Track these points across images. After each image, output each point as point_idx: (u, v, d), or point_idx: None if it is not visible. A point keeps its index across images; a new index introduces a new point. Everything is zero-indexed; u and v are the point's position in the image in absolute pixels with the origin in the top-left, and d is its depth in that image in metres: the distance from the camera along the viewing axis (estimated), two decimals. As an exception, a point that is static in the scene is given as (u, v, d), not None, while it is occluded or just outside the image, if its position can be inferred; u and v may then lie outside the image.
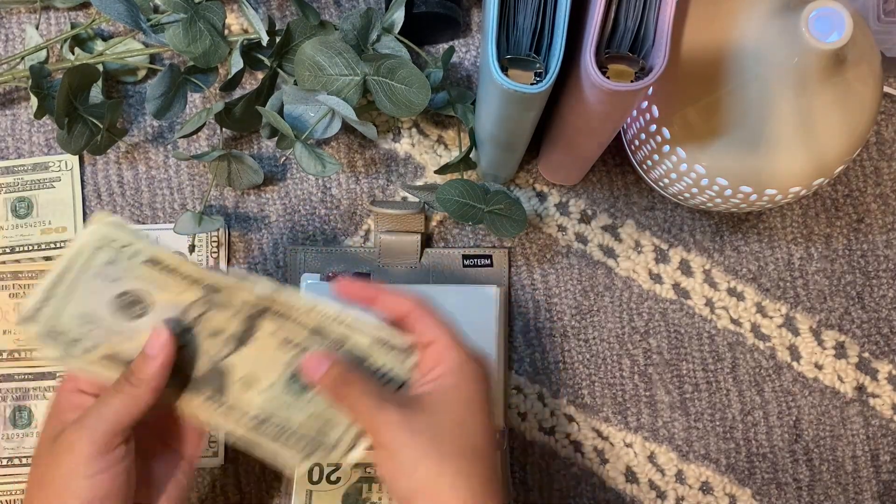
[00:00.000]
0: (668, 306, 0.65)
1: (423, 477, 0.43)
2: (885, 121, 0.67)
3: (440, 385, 0.45)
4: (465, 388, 0.45)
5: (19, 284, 0.64)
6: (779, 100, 0.48)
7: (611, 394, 0.64)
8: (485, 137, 0.55)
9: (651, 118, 0.53)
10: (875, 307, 0.65)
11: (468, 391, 0.45)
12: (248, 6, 0.60)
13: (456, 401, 0.45)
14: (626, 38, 0.43)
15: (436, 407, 0.44)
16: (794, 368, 0.65)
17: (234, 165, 0.62)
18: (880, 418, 0.64)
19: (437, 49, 0.66)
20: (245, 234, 0.65)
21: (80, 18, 0.66)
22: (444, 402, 0.45)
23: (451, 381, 0.45)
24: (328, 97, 0.56)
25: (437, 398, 0.45)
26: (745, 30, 0.48)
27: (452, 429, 0.44)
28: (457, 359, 0.46)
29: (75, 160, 0.65)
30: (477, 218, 0.58)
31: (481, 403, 0.45)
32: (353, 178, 0.66)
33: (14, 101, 0.66)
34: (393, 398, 0.45)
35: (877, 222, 0.66)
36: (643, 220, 0.66)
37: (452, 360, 0.46)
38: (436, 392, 0.45)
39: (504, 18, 0.44)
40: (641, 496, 0.64)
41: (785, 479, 0.64)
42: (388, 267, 0.64)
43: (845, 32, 0.43)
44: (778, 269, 0.66)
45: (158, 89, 0.59)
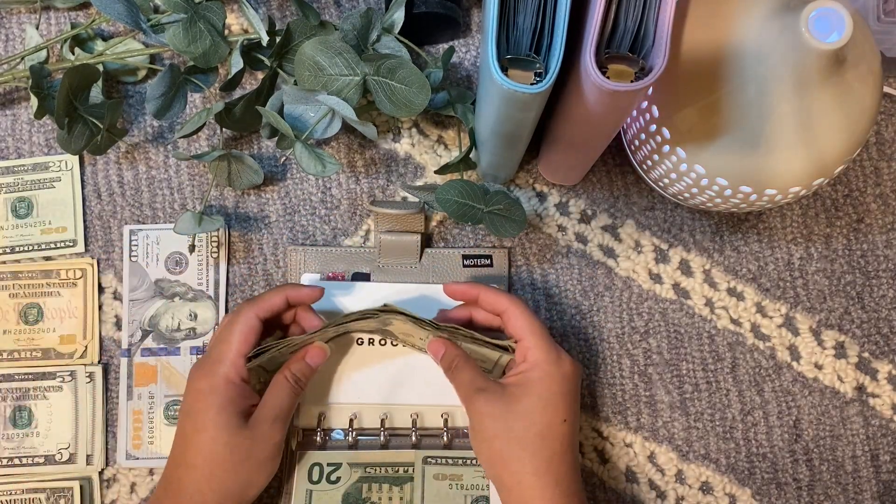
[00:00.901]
0: (668, 306, 0.65)
1: (497, 449, 0.54)
2: (885, 121, 0.67)
3: (522, 379, 0.55)
4: (540, 386, 0.54)
5: (19, 284, 0.64)
6: (779, 100, 0.48)
7: (611, 394, 0.64)
8: (485, 137, 0.55)
9: (651, 118, 0.53)
10: (875, 307, 0.65)
11: (542, 388, 0.54)
12: (248, 6, 0.60)
13: (530, 394, 0.54)
14: (626, 38, 0.43)
15: (515, 398, 0.54)
16: (794, 368, 0.65)
17: (234, 165, 0.62)
18: (880, 418, 0.64)
19: (437, 49, 0.66)
20: (245, 234, 0.65)
21: (80, 18, 0.66)
22: (520, 394, 0.54)
23: (533, 377, 0.55)
24: (328, 97, 0.56)
25: (518, 390, 0.54)
26: (745, 30, 0.48)
27: (523, 417, 0.54)
28: (538, 358, 0.55)
29: (75, 160, 0.65)
30: (477, 218, 0.58)
31: (552, 400, 0.54)
32: (353, 178, 0.66)
33: (14, 101, 0.66)
34: (485, 385, 0.55)
35: (877, 222, 0.66)
36: (643, 220, 0.66)
37: (535, 358, 0.55)
38: (519, 384, 0.55)
39: (504, 18, 0.44)
40: (641, 496, 0.64)
41: (785, 479, 0.64)
42: (388, 267, 0.64)
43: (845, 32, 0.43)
44: (778, 269, 0.66)
45: (158, 89, 0.59)
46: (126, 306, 0.64)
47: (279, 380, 0.56)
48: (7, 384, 0.63)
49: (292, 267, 0.64)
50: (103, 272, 0.65)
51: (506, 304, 0.57)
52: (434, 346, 0.58)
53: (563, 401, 0.55)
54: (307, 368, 0.57)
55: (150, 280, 0.64)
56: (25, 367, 0.63)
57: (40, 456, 0.62)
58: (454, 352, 0.57)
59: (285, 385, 0.56)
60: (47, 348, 0.64)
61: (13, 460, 0.62)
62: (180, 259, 0.64)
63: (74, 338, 0.64)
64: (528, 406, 0.54)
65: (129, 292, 0.64)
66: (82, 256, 0.65)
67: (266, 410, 0.55)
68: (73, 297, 0.64)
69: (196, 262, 0.64)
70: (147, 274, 0.64)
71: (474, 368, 0.56)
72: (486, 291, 0.58)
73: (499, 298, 0.57)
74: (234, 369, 0.54)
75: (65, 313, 0.64)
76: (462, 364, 0.56)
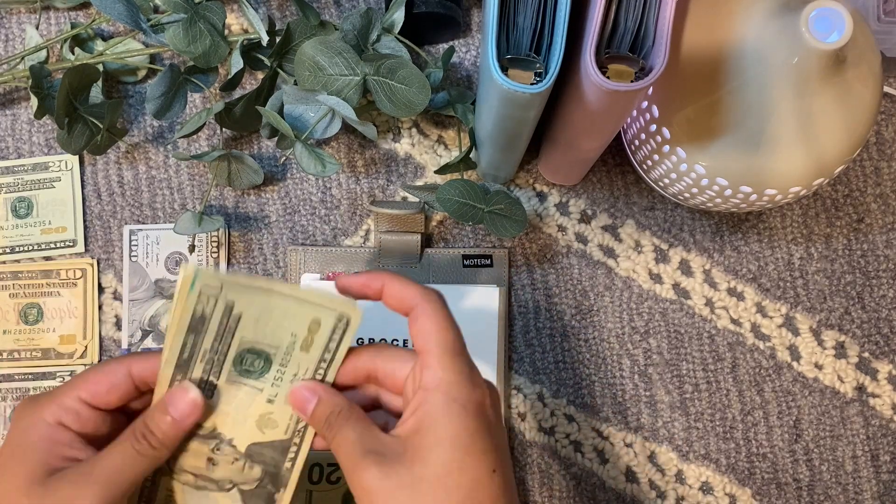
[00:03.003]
0: (668, 306, 0.65)
1: None
2: (885, 121, 0.67)
3: (424, 418, 0.38)
4: (448, 424, 0.37)
5: (19, 284, 0.64)
6: (779, 100, 0.48)
7: (611, 394, 0.64)
8: (485, 137, 0.55)
9: (651, 118, 0.53)
10: (875, 307, 0.65)
11: (453, 428, 0.37)
12: (248, 6, 0.60)
13: (441, 442, 0.37)
14: (626, 38, 0.43)
15: (419, 452, 0.37)
16: (794, 368, 0.65)
17: (234, 165, 0.62)
18: (880, 418, 0.64)
19: (437, 49, 0.66)
20: (245, 234, 0.65)
21: (80, 18, 0.66)
22: (427, 444, 0.37)
23: (435, 410, 0.38)
24: (328, 97, 0.56)
25: (421, 439, 0.37)
26: (745, 30, 0.48)
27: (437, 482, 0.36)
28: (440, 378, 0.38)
29: (75, 160, 0.65)
30: (477, 218, 0.58)
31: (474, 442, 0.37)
32: (353, 178, 0.66)
33: (14, 101, 0.66)
34: (377, 444, 0.38)
35: (877, 222, 0.66)
36: (643, 220, 0.66)
37: (435, 379, 0.38)
38: (420, 429, 0.38)
39: (504, 18, 0.44)
40: (641, 496, 0.64)
41: (785, 479, 0.64)
42: (388, 267, 0.64)
43: (845, 32, 0.43)
44: (778, 269, 0.66)
45: (158, 89, 0.59)
46: (126, 306, 0.64)
47: (126, 432, 0.41)
48: (7, 384, 0.63)
49: (292, 267, 0.64)
50: (103, 272, 0.65)
51: (416, 299, 0.41)
52: (298, 394, 0.40)
53: (488, 440, 0.38)
54: (167, 424, 0.40)
55: (150, 280, 0.64)
56: (25, 367, 0.63)
57: (40, 456, 0.62)
58: (332, 399, 0.40)
59: (126, 439, 0.40)
60: (47, 348, 0.64)
61: (13, 460, 0.62)
62: (180, 259, 0.64)
63: (74, 338, 0.64)
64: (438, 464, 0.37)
65: (129, 292, 0.64)
66: (82, 256, 0.65)
67: (82, 467, 0.39)
68: (73, 297, 0.64)
69: (196, 262, 0.64)
70: (147, 274, 0.64)
71: (361, 419, 0.40)
72: (393, 282, 0.41)
73: (407, 291, 0.41)
74: (57, 411, 0.40)
75: (65, 313, 0.64)
76: (345, 416, 0.40)
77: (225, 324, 0.40)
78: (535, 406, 0.64)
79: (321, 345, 0.41)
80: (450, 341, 0.39)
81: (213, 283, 0.39)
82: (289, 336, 0.40)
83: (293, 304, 0.40)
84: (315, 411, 0.40)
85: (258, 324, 0.40)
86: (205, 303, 0.39)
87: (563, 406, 0.64)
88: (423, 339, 0.40)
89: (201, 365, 0.41)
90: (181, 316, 0.40)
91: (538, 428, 0.64)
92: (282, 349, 0.41)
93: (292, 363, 0.41)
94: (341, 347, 0.41)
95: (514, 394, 0.64)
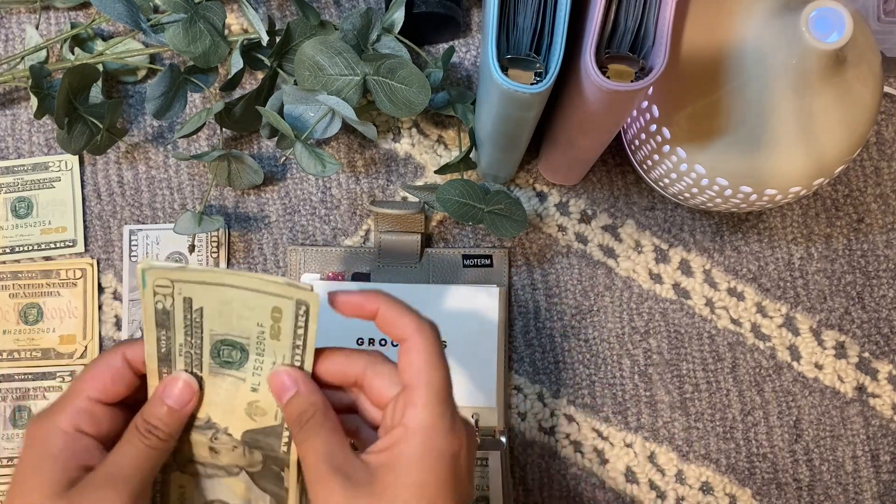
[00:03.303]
0: (668, 306, 0.65)
1: None
2: (885, 121, 0.67)
3: (399, 457, 0.37)
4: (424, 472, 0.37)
5: (19, 284, 0.64)
6: (779, 100, 0.48)
7: (611, 394, 0.64)
8: (485, 137, 0.55)
9: (651, 118, 0.52)
10: (875, 307, 0.65)
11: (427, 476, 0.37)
12: (248, 6, 0.60)
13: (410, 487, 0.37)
14: (626, 38, 0.43)
15: (387, 489, 0.37)
16: (795, 368, 0.65)
17: (234, 165, 0.62)
18: (880, 418, 0.64)
19: (437, 49, 0.66)
20: (245, 234, 0.65)
21: (80, 18, 0.66)
22: (396, 484, 0.37)
23: (410, 452, 0.37)
24: (328, 97, 0.56)
25: (393, 478, 0.37)
26: (745, 30, 0.48)
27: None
28: (423, 422, 0.38)
29: (75, 160, 0.65)
30: (477, 218, 0.58)
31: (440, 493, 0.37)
32: (353, 178, 0.66)
33: (14, 101, 0.66)
34: (346, 462, 0.38)
35: (877, 222, 0.66)
36: (643, 220, 0.66)
37: (418, 422, 0.38)
38: (393, 468, 0.37)
39: (504, 18, 0.44)
40: (641, 496, 0.64)
41: (785, 479, 0.64)
42: (388, 267, 0.64)
43: (845, 32, 0.43)
44: (778, 269, 0.66)
45: (158, 89, 0.59)
46: (126, 306, 0.64)
47: (129, 429, 0.40)
48: (7, 384, 0.63)
49: (292, 267, 0.64)
50: (103, 272, 0.65)
51: (409, 330, 0.40)
52: (278, 379, 0.40)
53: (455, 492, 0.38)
54: (166, 413, 0.40)
55: (150, 280, 0.64)
56: (25, 367, 0.63)
57: (40, 456, 0.62)
58: (310, 397, 0.39)
59: (132, 436, 0.40)
60: (47, 348, 0.64)
61: (13, 460, 0.62)
62: (180, 259, 0.64)
63: (74, 338, 0.64)
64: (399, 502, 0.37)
65: (129, 292, 0.64)
66: (82, 256, 0.65)
67: (99, 471, 0.39)
68: (73, 297, 0.64)
69: (196, 262, 0.64)
70: (147, 274, 0.64)
71: (335, 431, 0.39)
72: (388, 308, 0.40)
73: (401, 320, 0.40)
74: (71, 416, 0.40)
75: (65, 313, 0.64)
76: (319, 421, 0.39)
77: (189, 318, 0.40)
78: (535, 406, 0.64)
79: (289, 332, 0.40)
80: (438, 382, 0.39)
81: (162, 280, 0.39)
82: (255, 326, 0.40)
83: (249, 295, 0.39)
84: (291, 402, 0.39)
85: (222, 317, 0.40)
86: (162, 300, 0.39)
87: (563, 406, 0.64)
88: (412, 376, 0.39)
89: (181, 358, 0.41)
90: (146, 312, 0.40)
91: (538, 428, 0.64)
92: (253, 339, 0.40)
93: (268, 352, 0.41)
94: (309, 333, 0.40)
95: (514, 394, 0.64)
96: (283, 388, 0.40)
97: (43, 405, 0.63)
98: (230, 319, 0.40)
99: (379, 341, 0.63)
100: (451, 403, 0.39)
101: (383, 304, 0.40)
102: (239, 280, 0.39)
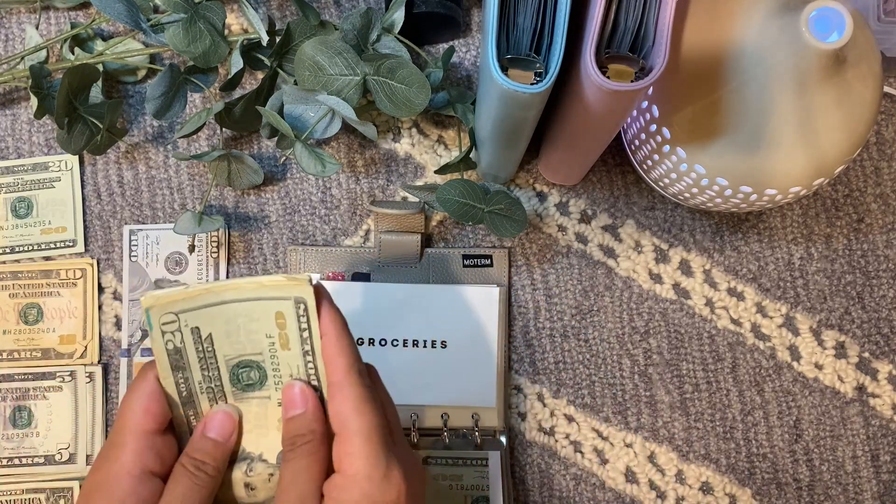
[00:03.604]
0: (668, 306, 0.65)
1: None
2: (885, 121, 0.67)
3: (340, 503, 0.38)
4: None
5: (19, 284, 0.64)
6: (779, 100, 0.48)
7: (611, 394, 0.64)
8: (485, 137, 0.55)
9: (651, 118, 0.52)
10: (875, 307, 0.65)
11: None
12: (248, 6, 0.60)
13: None
14: (626, 38, 0.43)
15: None
16: (795, 368, 0.65)
17: (234, 165, 0.62)
18: (880, 418, 0.64)
19: (437, 49, 0.66)
20: (245, 234, 0.65)
21: (80, 18, 0.66)
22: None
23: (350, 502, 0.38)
24: (328, 97, 0.56)
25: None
26: (745, 30, 0.48)
27: None
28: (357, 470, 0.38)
29: (75, 160, 0.65)
30: (477, 218, 0.58)
31: None
32: (353, 178, 0.66)
33: (14, 101, 0.66)
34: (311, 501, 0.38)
35: (877, 222, 0.66)
36: (643, 220, 0.66)
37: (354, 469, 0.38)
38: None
39: (504, 18, 0.44)
40: (641, 496, 0.64)
41: (785, 479, 0.64)
42: (388, 267, 0.64)
43: (845, 32, 0.43)
44: (778, 269, 0.66)
45: (158, 89, 0.59)
46: (126, 306, 0.64)
47: (177, 470, 0.40)
48: (7, 384, 0.63)
49: (292, 267, 0.64)
50: (103, 272, 0.65)
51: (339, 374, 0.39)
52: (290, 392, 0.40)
53: None
54: (212, 446, 0.40)
55: (150, 280, 0.64)
56: (25, 367, 0.63)
57: (40, 456, 0.62)
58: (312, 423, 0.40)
59: (181, 476, 0.39)
60: (47, 348, 0.64)
61: (13, 460, 0.62)
62: (180, 259, 0.64)
63: (74, 338, 0.64)
64: None
65: (129, 292, 0.64)
66: (82, 256, 0.65)
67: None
68: (73, 297, 0.64)
69: (196, 262, 0.64)
70: (147, 274, 0.64)
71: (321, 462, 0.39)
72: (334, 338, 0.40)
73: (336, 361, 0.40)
74: (136, 456, 0.39)
75: (65, 313, 0.64)
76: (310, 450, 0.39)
77: (202, 349, 0.40)
78: (535, 406, 0.64)
79: (296, 338, 0.40)
80: (367, 429, 0.38)
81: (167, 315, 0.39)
82: (265, 338, 0.40)
83: (251, 307, 0.39)
84: (293, 420, 0.40)
85: (230, 338, 0.40)
86: (171, 338, 0.39)
87: (563, 406, 0.64)
88: (341, 423, 0.39)
89: (204, 396, 0.41)
90: (159, 358, 0.40)
91: (538, 428, 0.64)
92: (266, 353, 0.41)
93: (282, 364, 0.41)
94: (313, 334, 0.40)
95: (514, 394, 0.64)
96: (291, 404, 0.40)
97: (43, 405, 0.63)
98: (239, 338, 0.40)
99: (379, 341, 0.63)
100: (385, 448, 0.39)
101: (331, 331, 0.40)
102: (237, 291, 0.39)
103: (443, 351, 0.62)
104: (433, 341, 0.62)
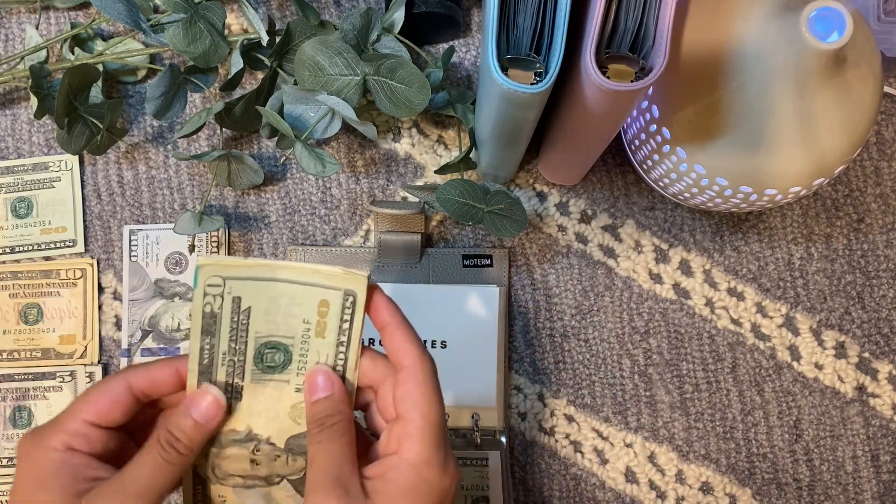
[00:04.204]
0: (668, 306, 0.65)
1: None
2: (885, 121, 0.67)
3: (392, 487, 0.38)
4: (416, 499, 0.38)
5: (19, 284, 0.64)
6: (779, 100, 0.48)
7: (611, 394, 0.64)
8: (485, 137, 0.55)
9: (651, 118, 0.52)
10: (875, 307, 0.65)
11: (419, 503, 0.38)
12: (248, 6, 0.60)
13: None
14: (626, 38, 0.43)
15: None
16: (795, 368, 0.65)
17: (234, 165, 0.62)
18: (880, 418, 0.64)
19: (437, 49, 0.66)
20: (245, 234, 0.65)
21: (80, 18, 0.66)
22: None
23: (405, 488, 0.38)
24: (328, 97, 0.56)
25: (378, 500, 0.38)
26: (745, 30, 0.48)
27: None
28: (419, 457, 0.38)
29: (75, 160, 0.65)
30: (477, 218, 0.58)
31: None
32: (353, 178, 0.66)
33: (14, 101, 0.66)
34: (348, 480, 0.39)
35: (877, 222, 0.66)
36: (643, 220, 0.66)
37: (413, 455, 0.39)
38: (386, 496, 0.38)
39: (504, 18, 0.44)
40: (641, 496, 0.64)
41: (785, 479, 0.64)
42: (388, 267, 0.64)
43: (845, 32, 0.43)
44: (778, 269, 0.66)
45: (158, 89, 0.59)
46: (126, 306, 0.64)
47: (150, 441, 0.40)
48: (7, 384, 0.63)
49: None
50: (103, 272, 0.65)
51: (411, 359, 0.40)
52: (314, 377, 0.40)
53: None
54: (191, 427, 0.39)
55: (149, 280, 0.64)
56: (25, 367, 0.63)
57: (40, 456, 0.62)
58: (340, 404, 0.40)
59: (152, 448, 0.39)
60: (47, 348, 0.64)
61: (13, 460, 0.62)
62: (180, 259, 0.64)
63: (74, 338, 0.64)
64: None
65: (129, 292, 0.64)
66: (82, 256, 0.65)
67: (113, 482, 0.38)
68: (73, 297, 0.64)
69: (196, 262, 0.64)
70: (147, 274, 0.64)
71: (351, 444, 0.40)
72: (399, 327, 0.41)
73: (407, 347, 0.40)
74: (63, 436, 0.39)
75: (65, 313, 0.64)
76: (340, 431, 0.40)
77: (236, 320, 0.40)
78: (535, 406, 0.64)
79: (334, 328, 0.40)
80: (434, 418, 0.39)
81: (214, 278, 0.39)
82: (301, 324, 0.40)
83: (298, 289, 0.40)
84: (320, 402, 0.40)
85: (268, 316, 0.40)
86: (211, 301, 0.40)
87: (563, 406, 0.64)
88: (409, 407, 0.39)
89: (223, 368, 0.41)
90: (195, 316, 0.40)
91: (538, 428, 0.64)
92: (297, 338, 0.41)
93: (311, 351, 0.41)
94: (354, 327, 0.40)
95: (514, 394, 0.64)
96: (315, 388, 0.40)
97: (43, 405, 0.63)
98: (276, 318, 0.40)
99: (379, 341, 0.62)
100: (445, 440, 0.40)
101: (395, 322, 0.40)
102: (292, 272, 0.39)
103: (443, 351, 0.62)
104: (433, 341, 0.62)
